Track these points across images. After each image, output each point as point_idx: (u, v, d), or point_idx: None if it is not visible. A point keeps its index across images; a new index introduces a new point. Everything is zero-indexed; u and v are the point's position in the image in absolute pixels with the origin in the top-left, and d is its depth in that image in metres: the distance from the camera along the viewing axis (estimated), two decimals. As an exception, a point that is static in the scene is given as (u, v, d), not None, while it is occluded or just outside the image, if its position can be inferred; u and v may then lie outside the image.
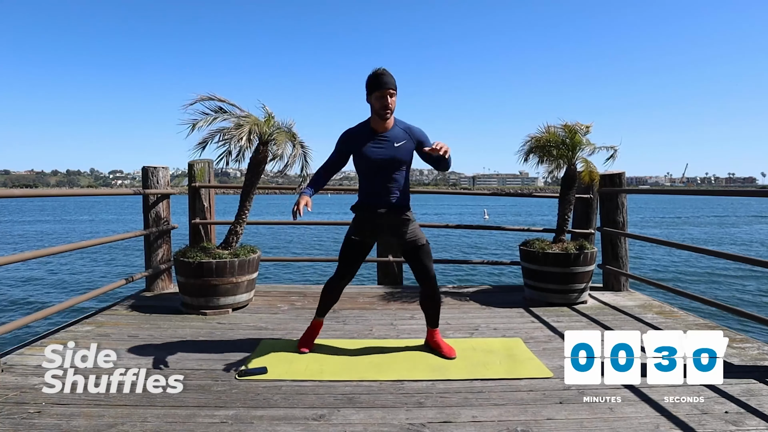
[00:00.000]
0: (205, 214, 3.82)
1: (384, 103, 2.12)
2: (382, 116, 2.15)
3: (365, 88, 2.17)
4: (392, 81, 2.13)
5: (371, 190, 2.26)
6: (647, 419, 1.73)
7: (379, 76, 2.12)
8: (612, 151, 3.54)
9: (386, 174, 2.23)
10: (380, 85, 2.11)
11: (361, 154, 2.21)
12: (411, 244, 2.30)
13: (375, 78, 2.13)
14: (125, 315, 3.05)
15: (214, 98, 3.09)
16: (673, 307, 3.32)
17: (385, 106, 2.13)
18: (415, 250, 2.30)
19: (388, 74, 2.13)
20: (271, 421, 1.70)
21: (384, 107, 2.13)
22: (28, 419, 1.69)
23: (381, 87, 2.11)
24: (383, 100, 2.12)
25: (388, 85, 2.11)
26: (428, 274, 2.31)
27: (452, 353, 2.36)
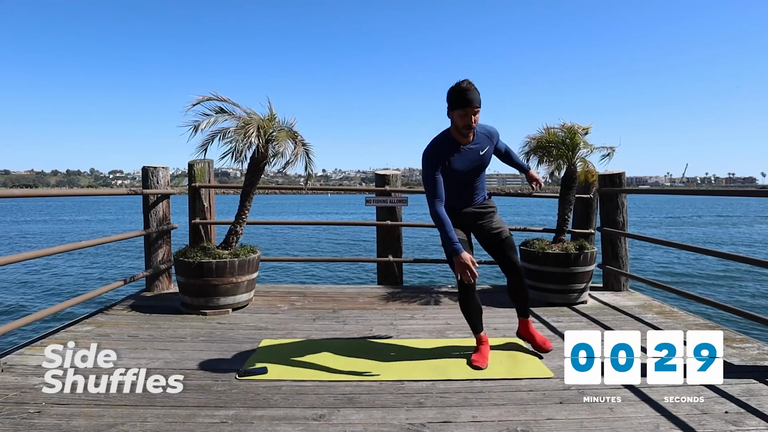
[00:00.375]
0: (205, 214, 3.82)
1: (467, 122, 2.00)
2: (465, 135, 2.06)
3: (446, 101, 2.04)
4: (478, 98, 1.99)
5: (456, 195, 2.23)
6: (647, 419, 1.73)
7: (463, 93, 1.97)
8: (609, 150, 3.56)
9: (471, 182, 2.24)
10: (465, 102, 1.97)
11: (448, 168, 2.12)
12: (495, 236, 2.29)
13: (459, 94, 1.98)
14: (125, 315, 3.05)
15: (215, 98, 3.09)
16: (673, 307, 3.32)
17: (469, 126, 2.01)
18: (500, 242, 2.29)
19: (473, 90, 1.98)
20: (271, 421, 1.70)
21: (467, 127, 2.02)
22: (28, 419, 1.69)
23: (465, 105, 1.97)
24: (467, 119, 2.00)
25: (473, 103, 1.97)
26: (515, 266, 2.29)
27: (547, 346, 2.35)
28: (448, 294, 3.70)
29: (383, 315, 3.14)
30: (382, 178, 4.21)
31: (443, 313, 3.16)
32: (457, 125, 2.06)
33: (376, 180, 4.29)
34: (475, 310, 2.31)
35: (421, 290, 3.88)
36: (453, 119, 2.06)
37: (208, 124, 3.04)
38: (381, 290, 3.85)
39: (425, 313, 3.17)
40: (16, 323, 2.31)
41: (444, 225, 2.05)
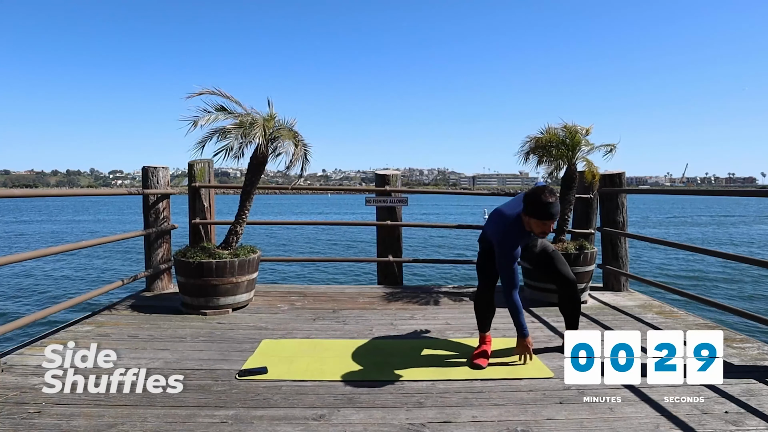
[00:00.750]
0: (205, 214, 3.82)
1: (546, 230, 2.11)
2: (538, 236, 2.21)
3: (529, 204, 2.09)
4: (558, 210, 2.11)
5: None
6: (647, 419, 1.73)
7: (548, 206, 2.05)
8: (610, 147, 3.55)
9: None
10: (548, 216, 2.06)
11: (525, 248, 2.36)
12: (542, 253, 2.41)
13: (544, 208, 2.04)
14: (125, 315, 3.05)
15: (218, 93, 3.08)
16: (673, 307, 3.32)
17: (545, 232, 2.13)
18: (547, 256, 2.40)
19: (557, 204, 2.08)
20: (271, 421, 1.70)
21: (544, 233, 2.14)
22: (28, 419, 1.69)
23: (548, 218, 2.07)
24: (545, 228, 2.10)
25: (554, 217, 2.09)
26: (567, 279, 2.37)
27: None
28: (448, 294, 3.70)
29: (383, 315, 3.14)
30: (382, 178, 4.21)
31: (443, 313, 3.16)
32: (534, 230, 2.14)
33: (376, 180, 4.29)
34: (489, 310, 2.40)
35: (421, 290, 3.88)
36: (530, 223, 2.13)
37: (208, 120, 3.03)
38: (381, 290, 3.85)
39: (425, 313, 3.17)
40: (16, 323, 2.31)
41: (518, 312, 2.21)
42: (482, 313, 2.40)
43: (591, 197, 3.94)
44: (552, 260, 2.39)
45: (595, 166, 3.49)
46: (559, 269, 2.37)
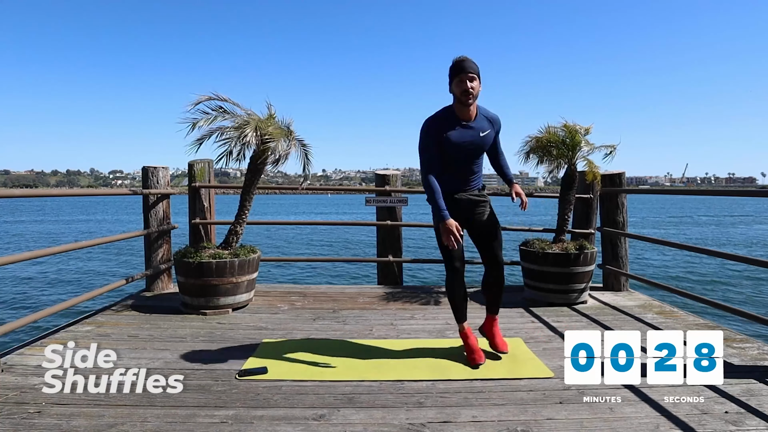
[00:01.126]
0: (205, 214, 3.82)
1: (464, 87, 2.08)
2: (465, 102, 2.11)
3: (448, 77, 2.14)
4: (473, 66, 2.09)
5: (452, 177, 2.24)
6: (647, 419, 1.73)
7: (458, 62, 2.10)
8: (611, 148, 3.55)
9: (468, 163, 2.24)
10: (460, 70, 2.08)
11: (446, 141, 2.15)
12: (485, 227, 2.31)
13: (455, 64, 2.10)
14: (125, 315, 3.05)
15: (216, 98, 3.09)
16: (673, 307, 3.32)
17: (466, 90, 2.08)
18: (488, 233, 2.31)
19: (468, 60, 2.10)
20: (271, 421, 1.70)
21: (465, 92, 2.08)
22: (28, 419, 1.69)
23: (461, 72, 2.08)
24: (463, 85, 2.08)
25: (467, 69, 2.07)
26: (496, 259, 2.31)
27: (504, 348, 2.34)
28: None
29: (383, 315, 3.14)
30: (382, 178, 4.21)
31: (443, 313, 3.16)
32: (456, 94, 2.12)
33: (376, 180, 4.29)
34: (460, 298, 2.32)
35: (421, 290, 3.88)
36: (453, 91, 2.14)
37: (206, 122, 3.04)
38: (381, 290, 3.85)
39: (425, 313, 3.17)
40: (16, 323, 2.31)
41: (434, 193, 2.14)
42: (455, 301, 2.32)
43: (591, 197, 3.94)
44: (494, 239, 2.31)
45: (595, 165, 3.49)
46: (495, 251, 2.30)
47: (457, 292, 2.30)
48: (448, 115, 2.18)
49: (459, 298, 2.32)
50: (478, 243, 2.35)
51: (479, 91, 2.14)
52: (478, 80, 2.11)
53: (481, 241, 2.33)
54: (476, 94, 2.13)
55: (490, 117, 2.26)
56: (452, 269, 2.26)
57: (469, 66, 2.08)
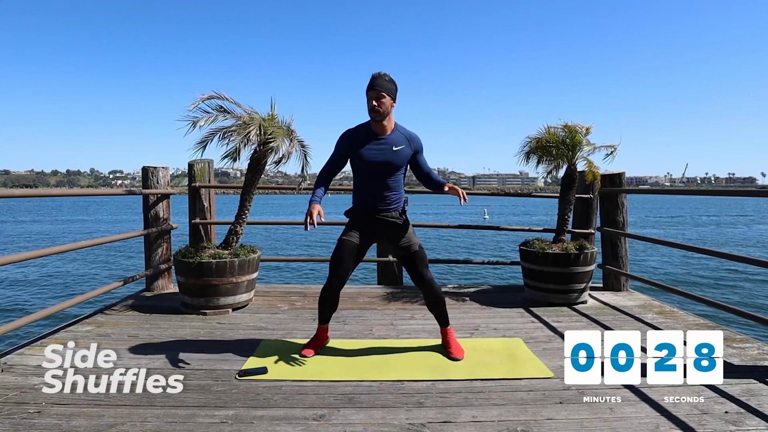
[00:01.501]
0: (205, 214, 3.82)
1: (371, 105, 2.15)
2: (373, 118, 2.19)
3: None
4: (382, 83, 2.15)
5: (366, 193, 2.29)
6: (647, 419, 1.73)
7: (371, 79, 2.17)
8: (611, 149, 3.55)
9: (382, 178, 2.25)
10: (369, 87, 2.16)
11: (358, 156, 2.23)
12: (404, 249, 2.32)
13: (369, 81, 2.18)
14: (125, 315, 3.05)
15: (217, 96, 3.08)
16: (673, 307, 3.32)
17: (372, 108, 2.15)
18: (410, 256, 2.32)
19: (380, 77, 2.16)
20: (271, 421, 1.70)
21: (371, 109, 2.16)
22: (28, 419, 1.69)
23: (369, 89, 2.16)
24: (369, 102, 2.16)
25: (375, 87, 2.14)
26: (423, 279, 2.32)
27: (459, 354, 2.34)
28: (448, 294, 3.69)
29: (383, 315, 3.14)
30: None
31: (443, 313, 3.16)
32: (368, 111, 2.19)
33: (376, 180, 4.29)
34: (329, 304, 2.37)
35: (421, 290, 3.88)
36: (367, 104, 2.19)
37: (207, 121, 3.03)
38: (381, 290, 3.84)
39: (425, 313, 3.16)
40: (16, 323, 2.31)
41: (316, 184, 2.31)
42: (323, 305, 2.36)
43: (591, 197, 3.94)
44: (413, 257, 2.31)
45: (595, 165, 3.49)
46: (419, 270, 2.31)
47: (326, 298, 2.34)
48: (364, 129, 2.26)
49: (325, 306, 2.37)
50: (402, 263, 2.38)
51: (388, 107, 2.18)
52: (389, 98, 2.17)
53: (405, 262, 2.36)
54: (384, 111, 2.16)
55: (408, 135, 2.29)
56: (330, 280, 2.29)
57: (379, 84, 2.15)
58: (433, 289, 2.34)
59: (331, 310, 2.40)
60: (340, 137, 2.30)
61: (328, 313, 2.41)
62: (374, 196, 2.27)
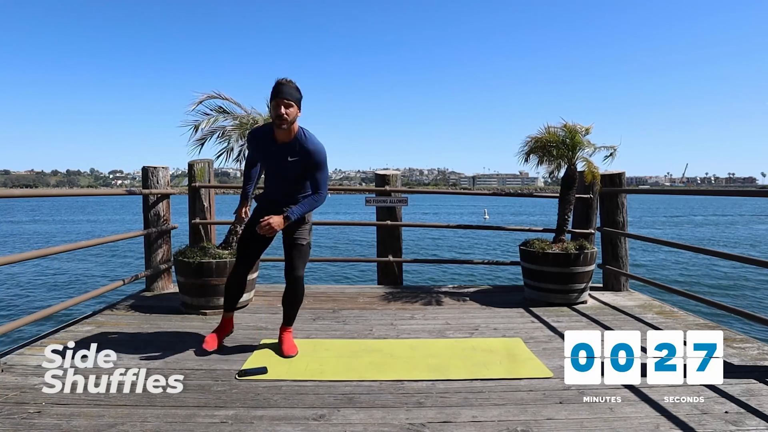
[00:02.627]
0: (205, 214, 3.82)
1: (277, 112, 2.13)
2: (278, 126, 2.16)
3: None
4: (289, 91, 2.13)
5: (270, 185, 2.39)
6: (647, 419, 1.73)
7: (276, 86, 2.14)
8: (611, 150, 3.55)
9: (283, 181, 2.31)
10: (275, 94, 2.13)
11: (259, 156, 2.37)
12: (290, 240, 2.36)
13: (274, 87, 2.15)
14: (125, 315, 3.05)
15: (218, 96, 3.08)
16: (673, 307, 3.32)
17: (279, 115, 2.12)
18: (293, 246, 2.35)
19: (287, 84, 2.14)
20: (271, 421, 1.70)
21: (278, 116, 2.13)
22: (28, 419, 1.69)
23: (275, 96, 2.13)
24: (277, 110, 2.13)
25: (281, 95, 2.12)
26: (292, 273, 2.34)
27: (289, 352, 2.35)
28: (448, 294, 3.70)
29: (383, 315, 3.14)
30: (382, 178, 4.21)
31: (443, 313, 3.16)
32: (272, 118, 2.19)
33: (376, 180, 4.29)
34: (235, 288, 2.48)
35: (421, 290, 3.88)
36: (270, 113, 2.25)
37: (208, 123, 3.04)
38: (381, 290, 3.84)
39: (425, 313, 3.17)
40: (16, 323, 2.31)
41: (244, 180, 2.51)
42: (229, 289, 2.47)
43: (591, 197, 3.94)
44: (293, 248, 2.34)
45: (595, 165, 3.49)
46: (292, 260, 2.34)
47: (231, 283, 2.47)
48: (266, 131, 2.27)
49: (231, 290, 2.49)
50: (285, 252, 2.40)
51: (295, 116, 2.16)
52: (296, 107, 2.15)
53: (286, 254, 2.39)
54: (291, 120, 2.15)
55: (308, 148, 2.21)
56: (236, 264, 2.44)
57: (286, 91, 2.13)
58: (298, 288, 2.36)
59: (236, 297, 2.52)
60: (247, 137, 2.39)
61: (233, 298, 2.52)
62: (275, 191, 2.36)
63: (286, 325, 2.46)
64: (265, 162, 2.34)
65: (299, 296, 2.39)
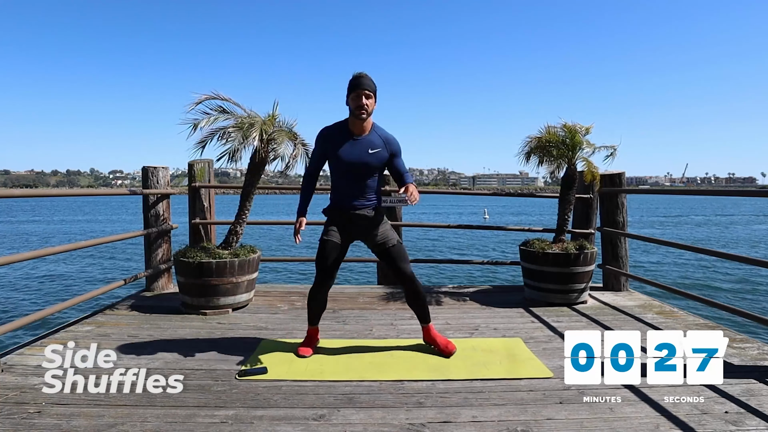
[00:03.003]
0: (205, 214, 3.82)
1: (359, 103, 2.16)
2: (357, 116, 2.18)
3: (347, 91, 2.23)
4: (369, 83, 2.18)
5: (343, 192, 2.31)
6: (647, 419, 1.73)
7: (356, 78, 2.19)
8: (611, 150, 3.55)
9: (357, 177, 2.28)
10: (356, 86, 2.17)
11: (335, 155, 2.25)
12: (381, 246, 2.33)
13: (353, 80, 2.20)
14: (125, 315, 3.05)
15: (217, 97, 3.08)
16: (673, 307, 3.32)
17: (360, 106, 2.16)
18: (386, 251, 2.33)
19: (365, 77, 2.19)
20: (271, 421, 1.70)
21: (358, 107, 2.16)
22: (28, 419, 1.69)
23: (356, 88, 2.17)
24: (358, 101, 2.16)
25: (363, 86, 2.16)
26: (404, 275, 2.33)
27: (450, 348, 2.36)
28: (448, 294, 3.70)
29: (383, 315, 3.14)
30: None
31: (443, 313, 3.16)
32: (351, 108, 2.20)
33: (376, 180, 4.29)
34: (318, 305, 2.39)
35: (421, 290, 3.87)
36: (349, 105, 2.22)
37: (208, 122, 3.03)
38: (381, 290, 3.84)
39: (425, 313, 3.16)
40: (16, 323, 2.31)
41: (301, 192, 2.37)
42: (311, 306, 2.39)
43: (591, 197, 3.94)
44: (389, 252, 2.32)
45: (594, 165, 3.49)
46: (398, 265, 2.32)
47: (314, 299, 2.37)
48: (340, 128, 2.27)
49: (315, 306, 2.39)
50: (382, 260, 2.39)
51: (373, 108, 2.21)
52: (374, 98, 2.21)
53: (384, 258, 2.36)
54: (370, 111, 2.20)
55: (385, 137, 2.29)
56: (317, 280, 2.32)
57: (366, 83, 2.17)
58: (415, 284, 2.35)
59: (320, 309, 2.42)
60: (317, 138, 2.32)
61: (317, 313, 2.42)
62: (350, 195, 2.30)
63: (426, 323, 2.43)
64: (339, 161, 2.24)
65: (422, 292, 2.38)
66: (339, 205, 2.33)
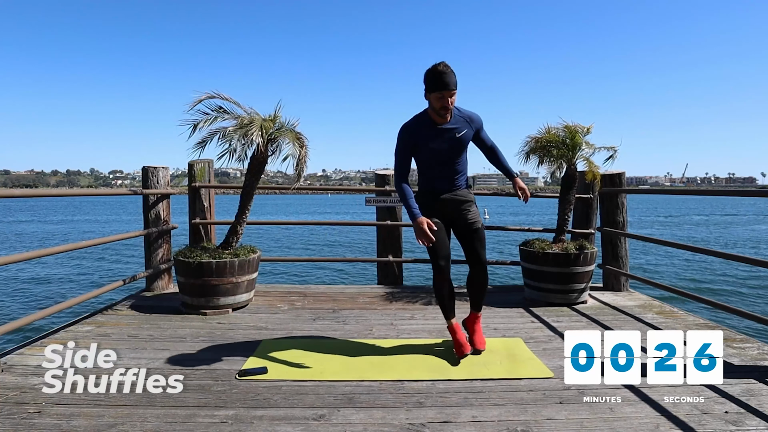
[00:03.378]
0: (205, 214, 3.82)
1: (444, 104, 2.07)
2: (441, 115, 2.12)
3: (424, 82, 2.10)
4: (454, 80, 2.05)
5: (433, 178, 2.29)
6: (647, 419, 1.73)
7: (440, 76, 2.03)
8: (612, 151, 3.55)
9: (447, 164, 2.25)
10: (442, 85, 2.04)
11: (424, 148, 2.20)
12: (470, 226, 2.31)
13: (436, 77, 2.04)
14: (125, 315, 3.05)
15: (217, 96, 3.07)
16: (673, 307, 3.32)
17: (445, 107, 2.08)
18: (473, 233, 2.31)
19: (450, 73, 2.04)
20: (271, 421, 1.70)
21: (444, 108, 2.08)
22: (28, 419, 1.69)
23: (442, 88, 2.04)
24: (443, 101, 2.07)
25: (449, 87, 2.04)
26: (480, 259, 2.32)
27: (480, 346, 2.36)
28: (448, 294, 3.69)
29: (383, 315, 3.14)
30: (382, 178, 4.21)
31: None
32: (434, 107, 2.12)
33: (376, 180, 4.29)
34: (447, 297, 2.35)
35: (421, 290, 3.88)
36: (430, 101, 2.13)
37: (207, 122, 3.03)
38: (381, 290, 3.84)
39: (425, 313, 3.17)
40: (16, 323, 2.31)
41: (405, 196, 2.18)
42: (442, 299, 2.35)
43: (591, 197, 3.94)
44: (474, 235, 2.30)
45: (595, 165, 3.49)
46: (476, 248, 2.30)
47: (443, 290, 2.33)
48: (424, 119, 2.20)
49: (446, 297, 2.35)
50: (462, 242, 2.38)
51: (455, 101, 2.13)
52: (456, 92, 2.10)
53: (464, 241, 2.35)
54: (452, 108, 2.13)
55: (466, 116, 2.24)
56: (437, 268, 2.27)
57: (452, 82, 2.05)
58: (486, 271, 2.35)
59: (451, 300, 2.37)
60: (401, 134, 2.22)
61: (450, 303, 2.37)
62: (441, 179, 2.28)
63: (478, 311, 2.43)
64: (429, 152, 2.19)
65: (487, 281, 2.38)
66: (430, 189, 2.30)
